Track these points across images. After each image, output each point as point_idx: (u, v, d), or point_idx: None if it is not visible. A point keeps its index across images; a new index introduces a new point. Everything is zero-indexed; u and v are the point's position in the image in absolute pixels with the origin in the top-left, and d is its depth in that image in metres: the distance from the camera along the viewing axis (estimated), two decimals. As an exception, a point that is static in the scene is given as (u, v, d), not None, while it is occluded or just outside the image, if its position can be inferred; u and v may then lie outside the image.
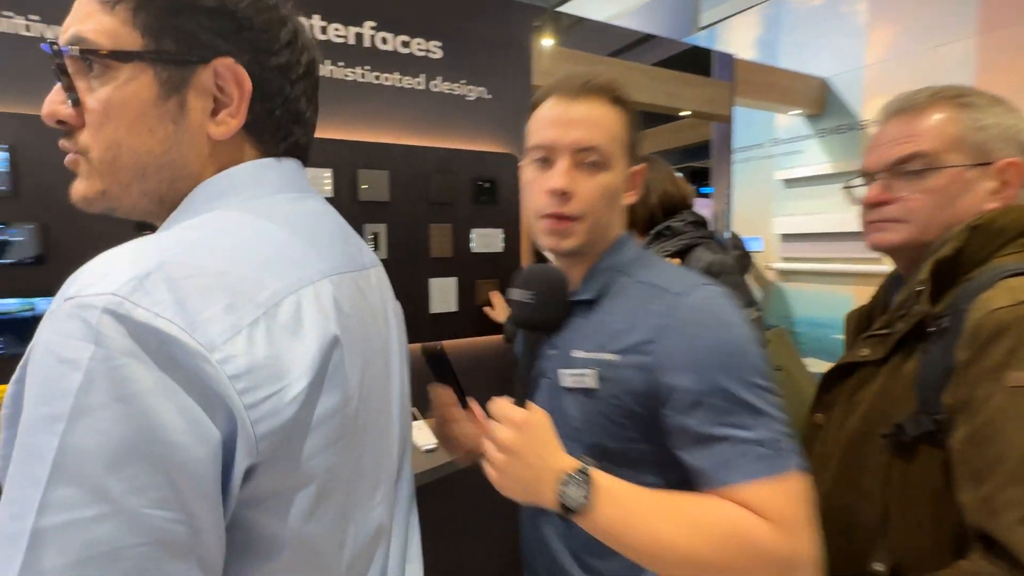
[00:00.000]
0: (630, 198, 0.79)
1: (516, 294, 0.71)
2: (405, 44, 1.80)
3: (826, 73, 4.10)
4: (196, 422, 0.38)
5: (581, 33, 6.79)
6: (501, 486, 0.62)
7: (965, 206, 0.76)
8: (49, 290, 1.36)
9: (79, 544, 0.35)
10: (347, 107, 1.72)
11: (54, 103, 0.52)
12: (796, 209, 4.34)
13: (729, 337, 0.64)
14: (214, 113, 0.52)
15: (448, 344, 1.92)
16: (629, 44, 7.16)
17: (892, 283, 0.90)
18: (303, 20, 1.62)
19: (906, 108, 0.81)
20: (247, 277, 0.44)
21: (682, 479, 0.65)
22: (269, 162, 0.56)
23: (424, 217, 1.85)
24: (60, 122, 0.52)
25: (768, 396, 0.63)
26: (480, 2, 1.92)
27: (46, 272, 1.36)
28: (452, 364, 0.77)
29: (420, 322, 1.87)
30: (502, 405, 0.64)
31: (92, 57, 0.49)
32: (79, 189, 0.54)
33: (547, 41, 2.34)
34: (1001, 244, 0.72)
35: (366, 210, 1.75)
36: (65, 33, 0.50)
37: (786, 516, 0.58)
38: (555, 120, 0.73)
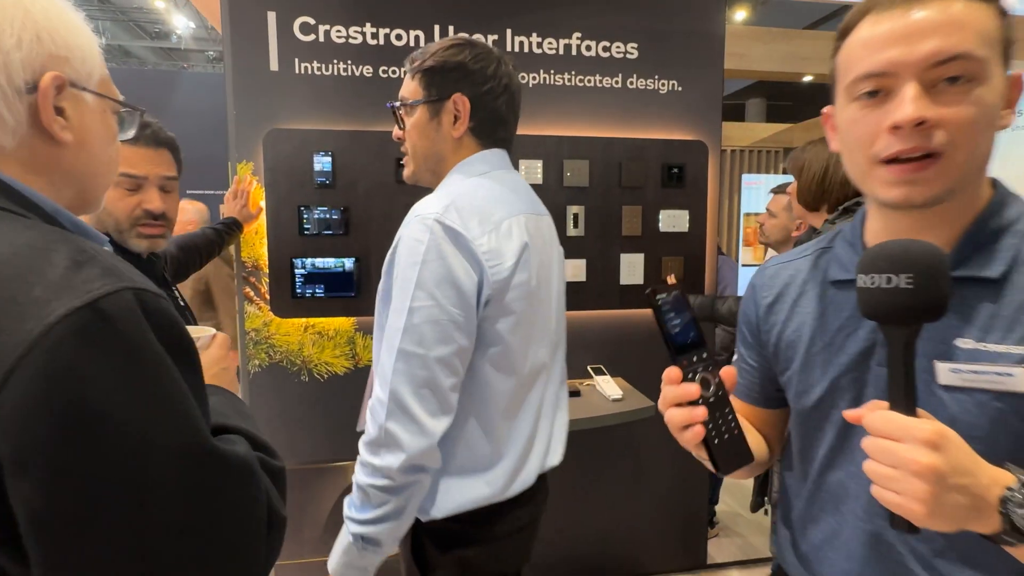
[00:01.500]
0: (1008, 118, 0.58)
1: (873, 280, 0.53)
2: (605, 49, 2.06)
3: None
4: (468, 271, 0.86)
5: (778, 7, 6.34)
6: (930, 522, 0.48)
7: None
8: (351, 252, 1.94)
9: (423, 314, 0.84)
10: (555, 108, 2.05)
11: (396, 131, 1.02)
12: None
13: None
14: (454, 123, 0.96)
15: (633, 314, 2.16)
16: (835, 12, 6.46)
17: None
18: (523, 38, 1.99)
19: None
20: (487, 209, 0.90)
21: None
22: (486, 153, 1.00)
23: (617, 199, 2.10)
24: (399, 138, 1.01)
25: None
26: (675, 1, 2.09)
27: (350, 240, 1.94)
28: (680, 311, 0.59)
29: (610, 292, 2.13)
30: (896, 419, 0.49)
31: (405, 106, 0.99)
32: (406, 174, 1.04)
33: (740, 13, 2.40)
34: None
35: (569, 194, 2.07)
36: (401, 93, 1.00)
37: None
38: (892, 35, 0.55)
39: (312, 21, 1.86)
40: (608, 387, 2.00)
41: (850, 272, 0.68)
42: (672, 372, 0.57)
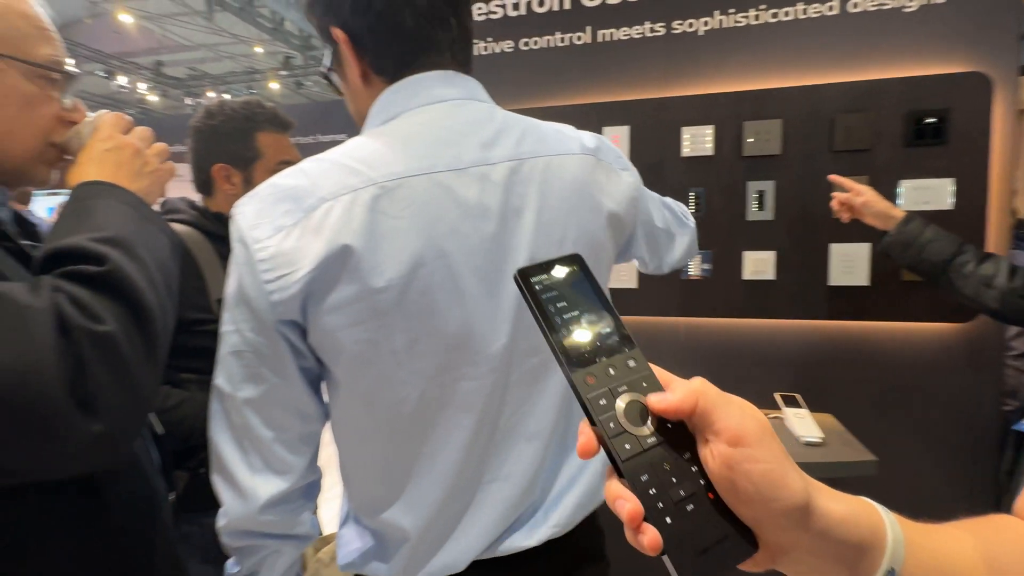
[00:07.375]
0: None
1: None
2: (813, -35, 1.52)
3: None
4: (257, 286, 0.60)
5: None
6: None
7: None
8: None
9: (227, 343, 0.64)
10: (736, 56, 1.59)
11: None
12: None
13: None
14: (355, 67, 0.72)
15: (847, 327, 1.56)
16: None
17: None
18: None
19: None
20: (304, 188, 0.62)
21: None
22: (389, 92, 0.69)
23: (824, 169, 1.53)
24: None
25: None
26: None
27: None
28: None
29: (813, 296, 1.58)
30: None
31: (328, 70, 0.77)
32: None
33: None
34: None
35: (750, 166, 1.59)
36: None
37: None
38: None
39: None
40: (802, 425, 1.47)
41: None
42: None
